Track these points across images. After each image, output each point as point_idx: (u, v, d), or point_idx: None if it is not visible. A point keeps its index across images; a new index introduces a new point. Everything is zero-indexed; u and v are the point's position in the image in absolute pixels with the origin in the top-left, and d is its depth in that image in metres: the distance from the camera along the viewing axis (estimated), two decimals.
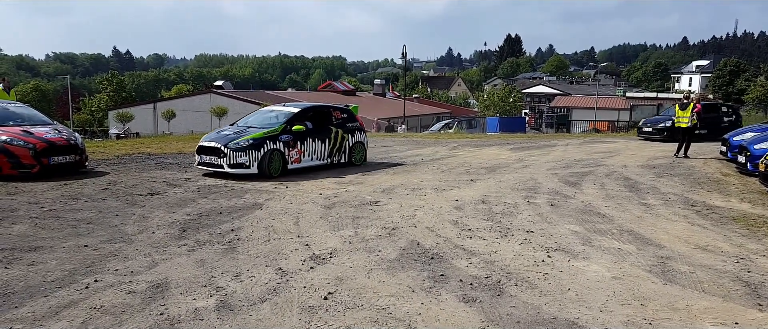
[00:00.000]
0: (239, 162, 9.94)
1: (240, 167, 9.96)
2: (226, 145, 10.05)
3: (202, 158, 10.35)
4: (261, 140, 10.18)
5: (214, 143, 10.17)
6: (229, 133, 10.51)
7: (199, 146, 10.45)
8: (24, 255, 5.33)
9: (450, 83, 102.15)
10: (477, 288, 4.56)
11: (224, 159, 9.96)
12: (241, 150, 9.97)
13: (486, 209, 7.58)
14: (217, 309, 4.10)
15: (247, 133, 10.31)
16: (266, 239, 6.05)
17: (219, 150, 10.04)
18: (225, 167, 9.98)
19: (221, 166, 10.02)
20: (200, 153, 10.37)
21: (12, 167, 9.22)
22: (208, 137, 10.58)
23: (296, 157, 10.80)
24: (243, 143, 10.03)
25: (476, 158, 13.70)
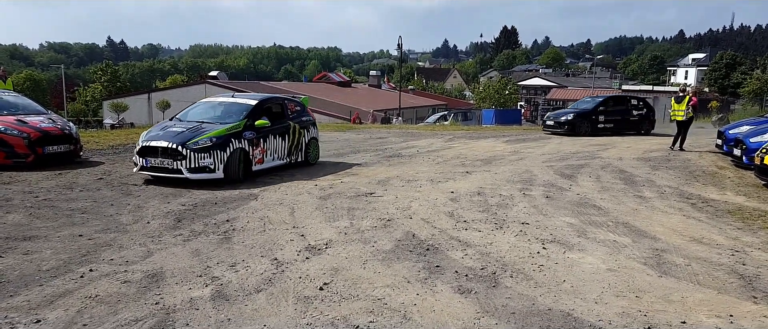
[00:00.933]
0: (202, 165, 8.25)
1: (202, 171, 8.28)
2: (184, 145, 8.24)
3: (147, 162, 8.42)
4: (225, 137, 8.58)
5: (167, 142, 8.29)
6: (181, 130, 8.67)
7: (143, 148, 8.46)
8: (19, 244, 5.31)
9: (446, 75, 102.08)
10: (472, 280, 4.57)
11: (183, 162, 8.20)
12: (203, 151, 8.27)
13: (481, 201, 7.60)
14: (212, 299, 4.10)
15: (206, 130, 8.66)
16: (262, 229, 6.05)
17: (175, 151, 8.23)
18: (184, 172, 8.20)
19: (179, 171, 8.22)
20: (144, 155, 8.46)
21: (6, 157, 9.17)
22: (154, 136, 8.58)
23: (259, 157, 9.33)
24: (204, 142, 8.35)
25: (472, 151, 13.71)
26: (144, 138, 8.60)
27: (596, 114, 18.43)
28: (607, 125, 18.51)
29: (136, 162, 8.63)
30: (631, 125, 19.03)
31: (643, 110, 19.35)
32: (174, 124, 9.12)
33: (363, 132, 19.73)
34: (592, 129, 18.19)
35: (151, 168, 8.41)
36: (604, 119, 18.51)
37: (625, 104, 19.35)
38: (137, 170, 8.60)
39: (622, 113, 18.89)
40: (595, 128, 18.28)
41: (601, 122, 18.45)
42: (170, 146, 8.27)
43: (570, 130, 18.01)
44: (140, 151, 8.50)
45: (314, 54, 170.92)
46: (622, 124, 18.73)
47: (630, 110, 19.09)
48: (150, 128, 9.13)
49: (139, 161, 8.52)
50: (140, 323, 3.68)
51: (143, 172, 8.54)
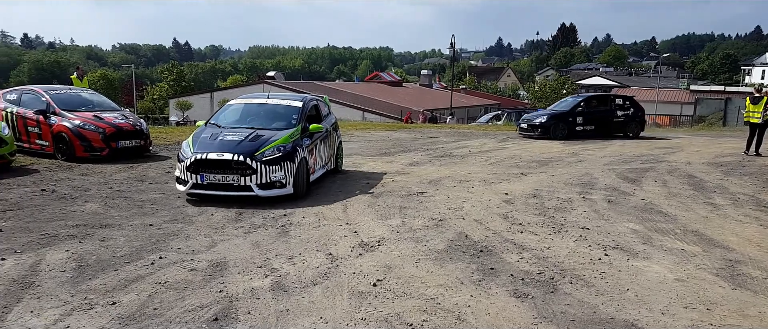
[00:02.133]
0: (274, 180, 7.11)
1: (272, 187, 7.12)
2: (252, 156, 7.04)
3: (203, 178, 7.02)
4: (292, 146, 7.47)
5: (230, 154, 7.00)
6: (238, 138, 7.39)
7: (198, 160, 7.01)
8: (96, 231, 5.71)
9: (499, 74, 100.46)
10: (529, 284, 4.53)
11: (253, 178, 7.00)
12: (273, 163, 7.11)
13: (538, 204, 7.49)
14: (272, 290, 4.27)
15: (267, 137, 7.49)
16: (316, 225, 6.21)
17: (242, 165, 6.98)
18: (255, 189, 7.01)
19: (247, 188, 7.01)
20: (198, 171, 7.04)
21: (84, 150, 9.84)
22: (208, 146, 7.17)
23: (312, 166, 8.19)
24: (272, 152, 7.20)
25: (526, 151, 13.49)
26: (197, 149, 7.13)
27: (573, 116, 16.88)
28: (587, 127, 17.09)
29: (183, 179, 7.13)
30: (616, 127, 17.58)
31: (630, 110, 17.68)
32: (221, 131, 7.70)
33: (414, 131, 19.76)
34: (569, 132, 16.64)
35: (209, 186, 7.04)
36: (582, 120, 17.06)
37: (607, 104, 17.71)
38: (187, 189, 7.09)
39: (605, 113, 17.27)
40: (572, 131, 16.84)
41: (579, 124, 17.02)
42: (236, 158, 6.98)
43: (543, 133, 16.53)
44: (194, 165, 7.02)
45: (366, 54, 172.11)
46: (604, 126, 17.30)
47: (614, 110, 17.45)
48: (191, 138, 7.59)
49: (190, 177, 7.04)
50: (205, 309, 3.89)
51: (198, 191, 7.08)
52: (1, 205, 6.66)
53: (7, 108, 10.72)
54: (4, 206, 6.60)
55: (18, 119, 10.47)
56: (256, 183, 7.03)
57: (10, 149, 8.90)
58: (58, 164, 9.66)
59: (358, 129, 19.77)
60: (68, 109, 10.30)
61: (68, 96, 10.89)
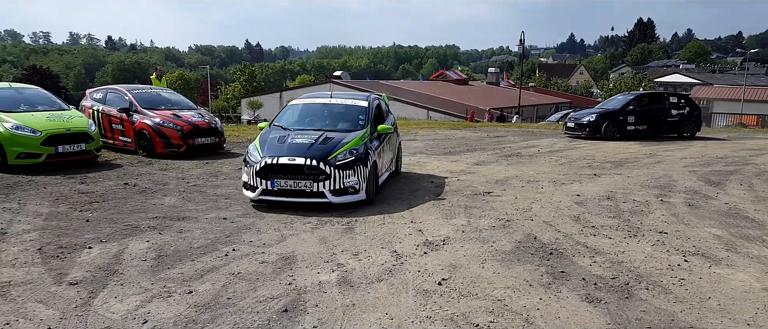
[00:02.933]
0: (347, 186, 6.78)
1: (345, 193, 6.79)
2: (325, 160, 6.72)
3: (273, 184, 6.69)
4: (364, 148, 7.14)
5: (302, 158, 6.69)
6: (307, 141, 7.06)
7: (268, 165, 6.70)
8: (174, 223, 6.03)
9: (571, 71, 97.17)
10: (602, 289, 4.35)
11: (326, 183, 6.67)
12: (346, 167, 6.78)
13: (612, 206, 7.17)
14: (338, 284, 4.34)
15: (337, 140, 7.16)
16: (381, 222, 6.25)
17: (315, 169, 6.65)
18: (328, 195, 6.69)
19: (320, 194, 6.68)
20: (268, 177, 6.71)
21: (163, 147, 10.42)
22: (277, 151, 6.86)
23: (380, 170, 7.85)
24: (345, 155, 6.88)
25: (600, 151, 12.96)
26: (266, 153, 6.85)
27: (625, 114, 16.03)
28: (639, 127, 16.11)
29: (251, 185, 6.84)
30: (670, 127, 16.55)
31: (685, 109, 16.74)
32: (288, 133, 7.37)
33: (479, 130, 19.48)
34: (620, 132, 15.89)
35: (280, 192, 6.71)
36: (634, 120, 16.10)
37: (661, 103, 16.72)
38: (257, 196, 6.78)
39: (658, 112, 16.40)
40: (623, 130, 15.98)
41: (630, 123, 16.07)
42: (309, 162, 6.67)
43: (592, 133, 15.82)
44: (262, 170, 6.71)
45: (432, 52, 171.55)
46: (658, 126, 16.31)
47: (668, 109, 16.50)
48: (258, 141, 7.34)
49: (259, 183, 6.73)
50: (276, 300, 4.01)
51: (267, 197, 6.77)
52: (88, 197, 7.16)
53: (93, 106, 11.52)
54: (90, 198, 7.09)
55: (103, 116, 11.23)
56: (329, 189, 6.68)
57: (96, 145, 9.56)
58: (140, 159, 10.28)
59: (423, 128, 19.73)
60: (149, 107, 10.93)
61: (149, 95, 11.55)
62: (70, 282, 4.29)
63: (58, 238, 5.40)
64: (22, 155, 8.65)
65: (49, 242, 5.27)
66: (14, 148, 8.60)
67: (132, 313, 3.77)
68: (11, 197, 7.03)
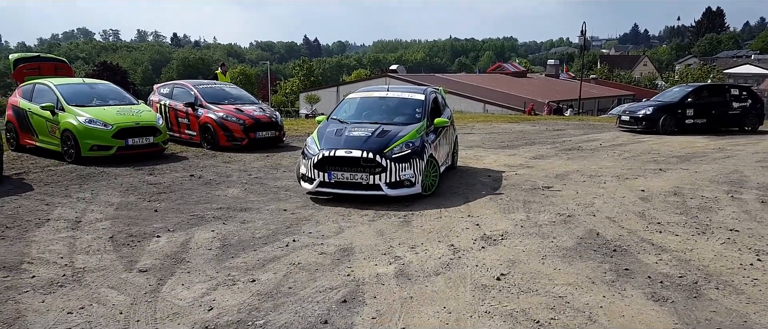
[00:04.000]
0: (403, 179, 6.80)
1: (401, 186, 6.82)
2: (381, 153, 6.77)
3: (330, 177, 6.80)
4: (420, 141, 7.17)
5: (359, 151, 6.76)
6: (364, 134, 7.13)
7: (325, 157, 6.80)
8: (237, 214, 6.25)
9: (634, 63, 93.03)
10: (669, 287, 4.18)
11: (383, 176, 6.71)
12: (402, 160, 6.80)
13: (678, 202, 6.86)
14: (396, 277, 4.37)
15: (394, 133, 7.19)
16: (438, 216, 6.23)
17: (372, 162, 6.71)
18: (384, 187, 6.72)
19: (376, 186, 6.73)
20: (325, 169, 6.82)
21: (226, 140, 10.81)
22: (334, 143, 6.97)
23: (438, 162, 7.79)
24: (401, 148, 6.92)
25: (665, 146, 12.40)
26: (324, 146, 6.96)
27: (683, 107, 15.23)
28: (698, 120, 15.18)
29: (309, 177, 6.94)
30: (731, 120, 15.54)
31: (747, 101, 15.74)
32: (345, 126, 7.46)
33: (538, 123, 19.03)
34: (678, 126, 15.13)
35: (336, 184, 6.83)
36: (693, 113, 15.18)
37: (722, 95, 15.81)
38: (314, 188, 6.88)
39: (719, 105, 15.45)
40: (681, 124, 15.11)
41: (689, 116, 15.16)
42: (365, 155, 6.73)
43: (648, 127, 15.14)
44: (320, 162, 6.83)
45: (489, 45, 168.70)
46: (718, 119, 15.34)
47: (729, 101, 15.59)
48: (316, 134, 7.46)
49: (316, 175, 6.85)
50: (335, 291, 4.09)
51: (325, 189, 6.88)
52: (157, 188, 7.52)
53: (161, 101, 12.06)
54: (158, 189, 7.44)
55: (170, 110, 11.74)
56: (385, 182, 6.73)
57: (163, 138, 10.01)
58: (204, 152, 10.69)
59: (479, 121, 19.49)
60: (213, 102, 11.34)
61: (213, 90, 11.99)
62: (139, 269, 4.52)
63: (129, 227, 5.70)
64: (94, 148, 9.12)
65: (120, 230, 5.57)
66: (87, 140, 9.07)
67: (198, 300, 3.93)
68: (84, 188, 7.47)
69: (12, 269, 4.49)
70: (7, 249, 4.97)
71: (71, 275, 4.38)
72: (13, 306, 3.80)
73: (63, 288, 4.11)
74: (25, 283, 4.20)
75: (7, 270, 4.47)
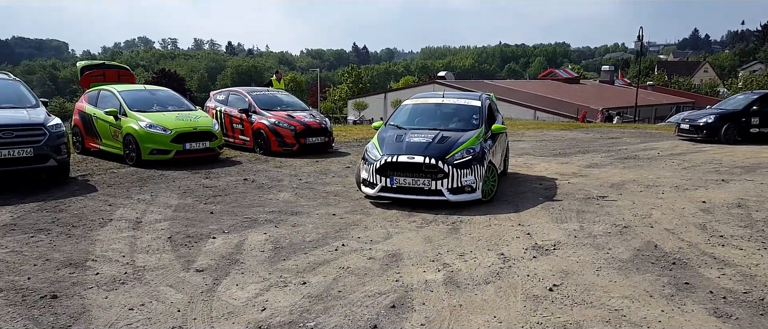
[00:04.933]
0: (465, 184, 6.87)
1: (462, 192, 6.89)
2: (443, 159, 6.86)
3: (392, 182, 6.90)
4: (480, 148, 7.25)
5: (421, 156, 6.86)
6: (423, 139, 7.23)
7: (387, 163, 6.92)
8: (288, 217, 6.38)
9: (694, 69, 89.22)
10: (732, 303, 3.98)
11: (444, 182, 6.80)
12: (464, 166, 6.88)
13: (743, 215, 6.52)
14: (445, 284, 4.35)
15: (454, 139, 7.28)
16: (487, 223, 6.16)
17: (433, 168, 6.80)
18: (445, 193, 6.80)
19: (438, 192, 6.81)
20: (387, 174, 6.93)
21: (278, 145, 11.07)
22: (395, 149, 7.08)
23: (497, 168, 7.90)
24: (462, 154, 6.99)
25: (728, 155, 11.81)
26: (385, 152, 7.09)
27: (748, 115, 14.39)
28: (764, 129, 14.25)
29: (371, 182, 7.06)
30: None
31: None
32: (405, 132, 7.55)
33: (591, 131, 18.52)
34: (742, 135, 14.32)
35: (398, 189, 6.92)
36: (758, 121, 14.25)
37: None
38: (376, 193, 7.02)
39: None
40: (745, 133, 14.23)
41: (754, 125, 14.24)
42: (427, 161, 6.83)
43: (709, 136, 14.39)
44: (382, 168, 6.94)
45: (540, 51, 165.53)
46: None
47: None
48: (376, 140, 7.57)
49: (378, 180, 6.97)
50: (384, 296, 4.11)
51: (386, 194, 7.00)
52: (212, 191, 7.77)
53: (216, 107, 12.48)
54: (214, 192, 7.69)
55: (225, 116, 12.12)
56: (447, 188, 6.80)
57: (218, 143, 10.34)
58: (257, 156, 10.97)
59: (530, 129, 19.14)
60: (266, 108, 11.64)
61: (266, 97, 12.31)
62: (196, 269, 4.67)
63: (186, 228, 5.91)
64: (154, 152, 9.50)
65: (178, 231, 5.78)
66: (148, 144, 9.46)
67: (252, 300, 4.03)
68: (145, 190, 7.80)
69: (78, 266, 4.73)
70: (74, 247, 5.24)
71: (132, 273, 4.57)
72: (79, 301, 4.00)
73: (125, 286, 4.30)
74: (90, 280, 4.42)
75: (73, 266, 4.72)
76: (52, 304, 3.93)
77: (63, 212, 6.51)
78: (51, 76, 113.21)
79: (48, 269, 4.64)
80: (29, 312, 3.80)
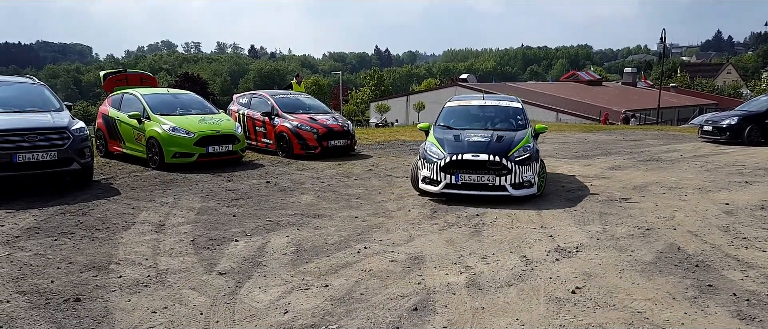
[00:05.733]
0: (525, 180, 7.31)
1: (523, 187, 7.30)
2: (506, 156, 7.28)
3: (457, 178, 7.27)
4: (533, 145, 7.74)
5: (486, 154, 7.25)
6: (482, 139, 7.66)
7: (452, 161, 7.28)
8: (310, 220, 6.45)
9: (717, 71, 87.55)
10: (756, 306, 3.94)
11: (508, 178, 7.19)
12: (523, 163, 7.30)
13: (766, 217, 6.42)
14: (467, 286, 4.37)
15: (510, 138, 7.74)
16: (509, 226, 6.16)
17: (498, 165, 7.20)
18: (509, 188, 7.21)
19: (502, 187, 7.20)
20: (452, 172, 7.29)
21: (301, 148, 11.18)
22: (458, 148, 7.45)
23: None
24: (521, 152, 7.43)
25: (752, 158, 11.58)
26: (450, 151, 7.42)
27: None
28: None
29: (435, 179, 7.37)
30: None
31: None
32: (461, 132, 7.96)
33: (614, 133, 18.30)
34: (765, 137, 14.10)
35: (463, 186, 7.25)
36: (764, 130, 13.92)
37: None
38: (440, 189, 7.34)
39: None
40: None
41: None
42: (492, 158, 7.20)
43: (732, 137, 14.10)
44: (447, 166, 7.29)
45: (562, 53, 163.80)
46: None
47: None
48: (435, 140, 7.86)
49: (443, 177, 7.30)
50: (406, 299, 4.14)
51: (451, 190, 7.31)
52: (235, 194, 7.87)
53: (239, 110, 12.64)
54: (237, 195, 7.79)
55: (248, 119, 12.28)
56: (510, 183, 7.21)
57: (241, 145, 10.44)
58: (279, 159, 11.10)
59: (552, 130, 18.98)
60: (289, 111, 11.76)
61: (289, 100, 12.44)
62: (219, 272, 4.71)
63: (209, 231, 5.97)
64: (177, 155, 9.60)
65: (200, 234, 5.84)
66: (171, 148, 9.57)
67: (274, 303, 4.07)
68: (168, 193, 7.91)
69: (101, 269, 4.78)
70: (97, 250, 5.30)
71: (155, 276, 4.61)
72: (102, 304, 4.03)
73: (148, 288, 4.34)
74: (113, 283, 4.45)
75: (96, 269, 4.76)
76: (76, 307, 3.97)
77: (86, 215, 6.60)
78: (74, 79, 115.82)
79: (71, 272, 4.69)
80: (52, 315, 3.85)
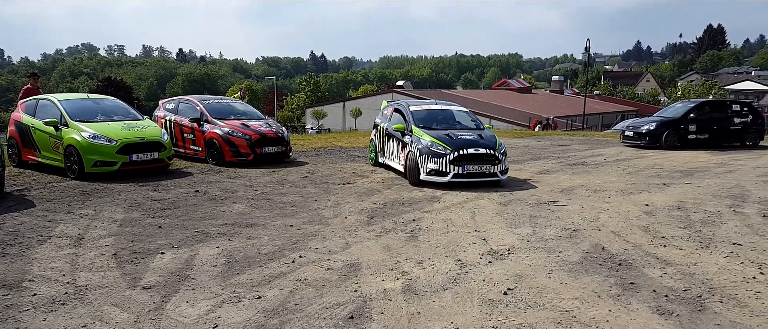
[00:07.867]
0: (505, 168, 9.24)
1: (505, 173, 9.26)
2: (495, 149, 9.10)
3: (464, 169, 8.83)
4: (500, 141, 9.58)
5: (485, 148, 8.98)
6: (471, 136, 9.31)
7: (461, 155, 8.82)
8: (242, 230, 6.25)
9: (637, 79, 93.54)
10: (674, 301, 4.19)
11: (498, 166, 9.02)
12: (505, 154, 9.28)
13: (682, 217, 6.87)
14: (403, 292, 4.38)
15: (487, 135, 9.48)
16: (445, 230, 6.25)
17: (492, 157, 8.98)
18: (499, 174, 9.06)
19: (494, 174, 9.00)
20: (459, 164, 8.81)
21: (232, 155, 10.85)
22: (460, 144, 8.97)
23: None
24: (500, 146, 9.29)
25: (669, 161, 12.41)
26: (454, 147, 8.86)
27: (685, 123, 15.31)
28: (700, 135, 15.31)
29: (443, 171, 8.80)
30: (732, 136, 15.68)
31: (748, 117, 15.81)
32: (449, 131, 9.44)
33: (543, 139, 19.07)
34: (681, 141, 15.23)
35: (468, 175, 8.85)
36: (695, 128, 15.31)
37: (723, 111, 15.88)
38: (448, 180, 8.78)
39: (720, 121, 15.53)
40: (684, 139, 15.24)
41: (691, 132, 15.26)
42: (488, 152, 8.94)
43: (651, 142, 15.22)
44: (457, 159, 8.75)
45: (494, 61, 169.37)
46: (719, 134, 15.49)
47: (730, 117, 15.68)
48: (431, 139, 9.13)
49: (452, 169, 8.76)
50: (342, 307, 4.09)
51: (458, 179, 8.80)
52: (161, 204, 7.51)
53: (166, 116, 12.13)
54: (163, 205, 7.43)
55: (175, 126, 11.80)
56: (499, 170, 9.03)
57: (168, 153, 9.98)
58: (209, 167, 10.72)
59: None
60: (219, 117, 11.37)
61: (219, 105, 12.04)
62: (143, 287, 4.47)
63: (132, 243, 5.65)
64: (98, 164, 9.07)
65: (123, 247, 5.52)
66: (91, 156, 9.03)
67: (203, 318, 3.90)
68: (87, 204, 7.43)
69: (12, 287, 4.43)
70: (8, 267, 4.91)
71: (73, 293, 4.33)
72: (14, 325, 3.75)
73: (65, 306, 4.07)
74: (26, 301, 4.15)
75: (7, 288, 4.41)
76: None
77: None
78: None
79: None
80: None
